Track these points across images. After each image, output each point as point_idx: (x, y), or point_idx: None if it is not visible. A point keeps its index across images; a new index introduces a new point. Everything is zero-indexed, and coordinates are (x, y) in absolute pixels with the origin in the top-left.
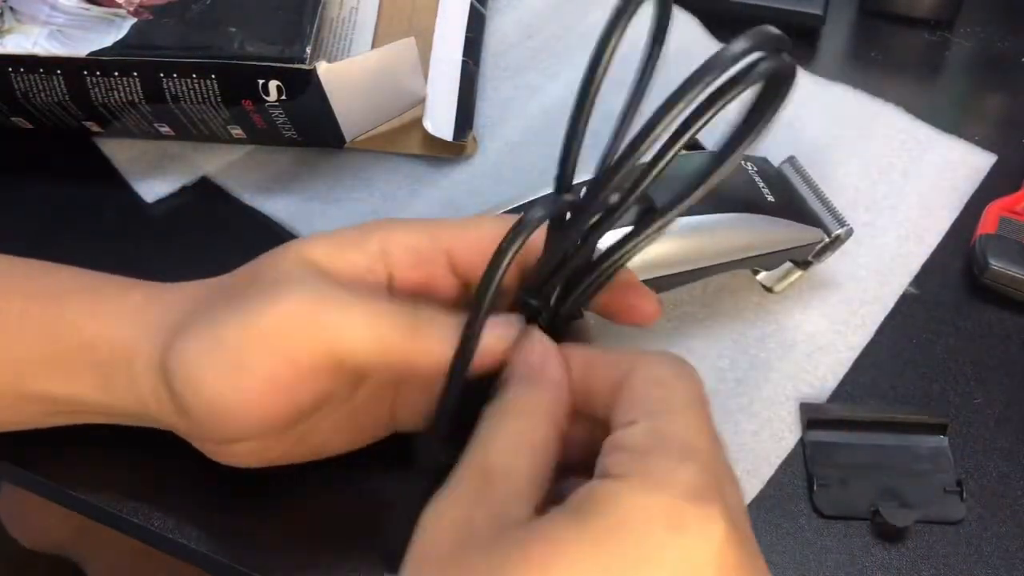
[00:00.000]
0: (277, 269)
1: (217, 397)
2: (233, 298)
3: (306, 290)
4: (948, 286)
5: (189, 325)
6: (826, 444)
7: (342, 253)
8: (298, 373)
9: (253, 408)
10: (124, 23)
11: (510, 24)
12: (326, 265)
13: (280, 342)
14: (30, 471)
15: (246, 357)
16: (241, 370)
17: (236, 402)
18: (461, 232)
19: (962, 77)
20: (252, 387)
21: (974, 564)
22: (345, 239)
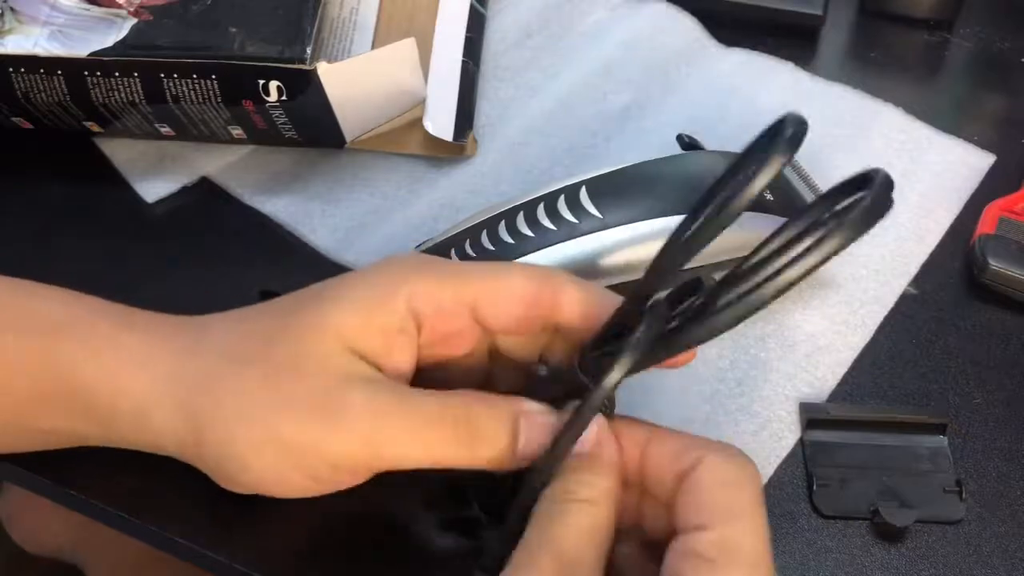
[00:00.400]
0: (325, 364)
1: (262, 481)
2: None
3: (368, 415)
4: (948, 286)
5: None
6: (826, 444)
7: (372, 321)
8: (354, 476)
9: (297, 492)
10: (124, 23)
11: (510, 24)
12: (364, 346)
13: (344, 462)
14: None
15: (305, 469)
16: (298, 474)
17: (283, 489)
18: (485, 284)
19: (962, 77)
20: (308, 481)
21: (974, 564)
22: (373, 303)
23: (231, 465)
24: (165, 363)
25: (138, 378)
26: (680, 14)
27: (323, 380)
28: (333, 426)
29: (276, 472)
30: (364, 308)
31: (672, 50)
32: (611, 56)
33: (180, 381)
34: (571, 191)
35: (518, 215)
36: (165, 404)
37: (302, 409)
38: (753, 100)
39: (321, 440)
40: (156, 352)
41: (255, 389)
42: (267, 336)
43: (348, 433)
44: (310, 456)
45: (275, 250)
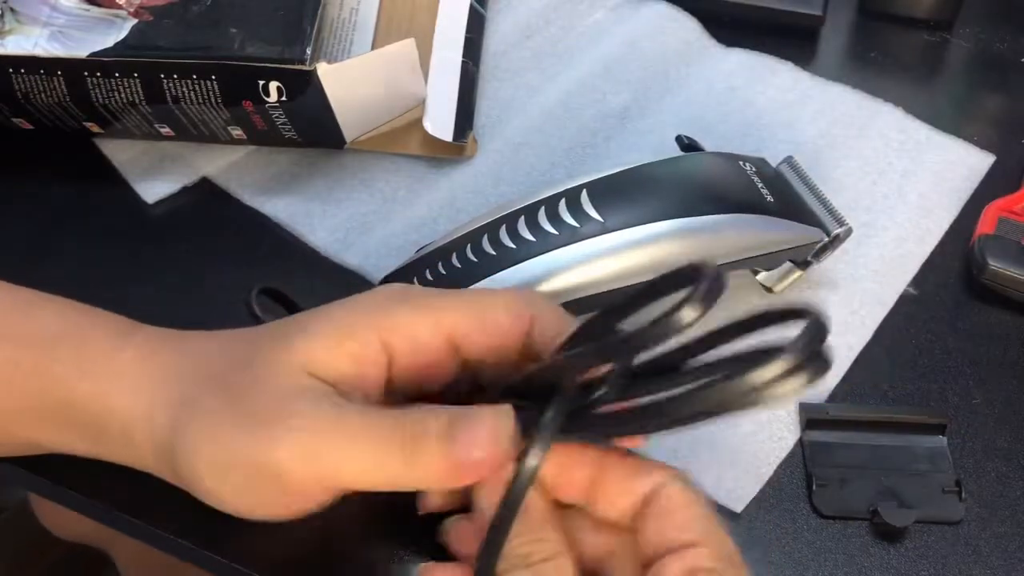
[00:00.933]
0: (280, 383)
1: (230, 503)
2: (238, 404)
3: (308, 428)
4: (947, 286)
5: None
6: (825, 444)
7: (342, 348)
8: (307, 498)
9: (265, 514)
10: (124, 24)
11: (510, 25)
12: (328, 368)
13: (288, 477)
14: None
15: (258, 487)
16: (254, 493)
17: (248, 509)
18: (463, 315)
19: (961, 77)
20: (265, 504)
21: (973, 564)
22: (343, 333)
23: (199, 487)
24: (152, 386)
25: (126, 400)
26: (680, 14)
27: (275, 397)
28: (275, 439)
29: (235, 493)
30: (334, 337)
31: (672, 50)
32: (611, 56)
33: (163, 405)
34: (572, 194)
35: (519, 219)
36: (146, 427)
37: (252, 425)
38: (753, 100)
39: (265, 455)
40: (146, 373)
41: (220, 411)
42: (241, 361)
43: (290, 447)
44: (260, 474)
45: (275, 250)
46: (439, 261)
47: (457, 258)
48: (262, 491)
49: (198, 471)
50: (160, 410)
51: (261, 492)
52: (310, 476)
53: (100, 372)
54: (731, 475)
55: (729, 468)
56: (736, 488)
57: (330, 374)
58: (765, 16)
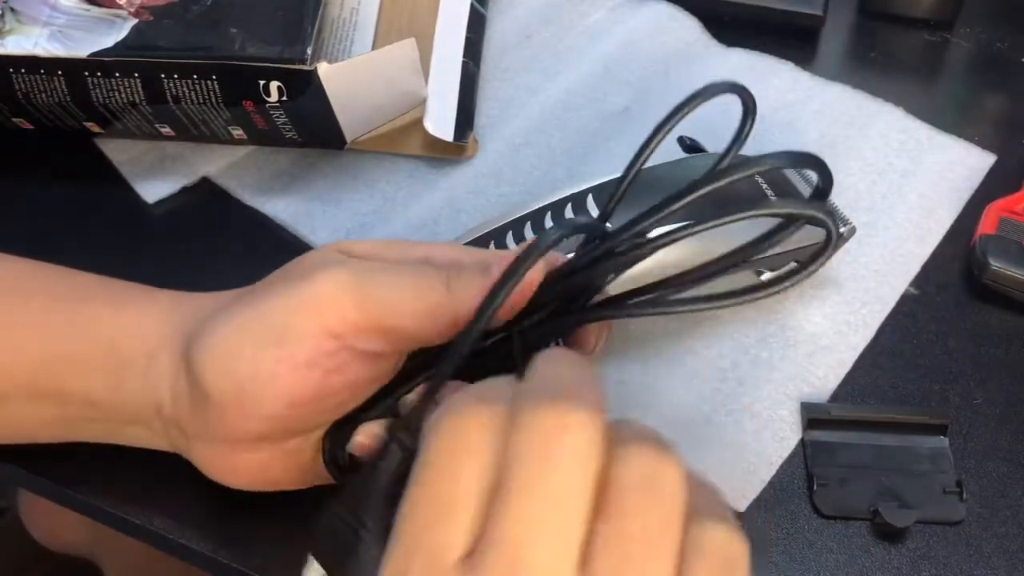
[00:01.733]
0: (313, 259)
1: (251, 374)
2: (273, 285)
3: (346, 266)
4: (948, 286)
5: (220, 312)
6: (827, 444)
7: (385, 252)
8: (342, 346)
9: (288, 385)
10: (125, 24)
11: (510, 25)
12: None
13: (327, 314)
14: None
15: (291, 329)
16: (284, 342)
17: (273, 377)
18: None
19: (962, 77)
20: (293, 361)
21: (974, 565)
22: (388, 244)
23: (208, 378)
24: (185, 312)
25: (159, 326)
26: (680, 14)
27: (303, 268)
28: (314, 282)
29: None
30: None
31: (672, 50)
32: (611, 56)
33: (191, 324)
34: (578, 199)
35: (525, 225)
36: (171, 344)
37: (276, 292)
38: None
39: (296, 299)
40: (182, 306)
41: (243, 304)
42: (274, 276)
43: (330, 278)
44: (288, 322)
45: (275, 250)
46: None
47: None
48: (304, 338)
49: (222, 343)
50: (191, 329)
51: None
52: (353, 307)
53: (136, 313)
54: (734, 474)
55: (731, 468)
56: (739, 487)
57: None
58: (765, 16)
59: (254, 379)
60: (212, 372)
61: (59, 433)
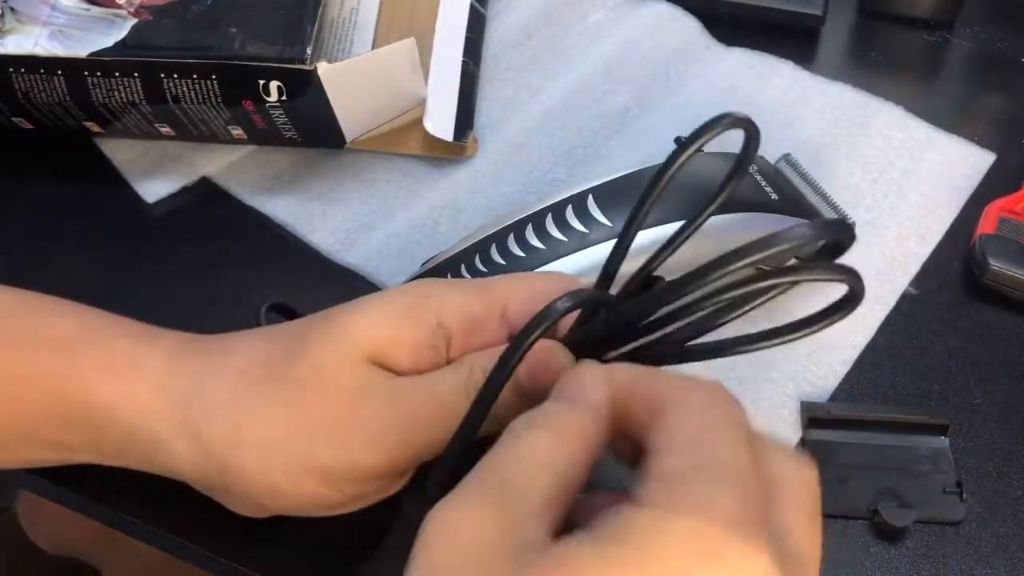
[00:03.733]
0: (342, 381)
1: (301, 505)
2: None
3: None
4: (948, 286)
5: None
6: (827, 443)
7: (401, 333)
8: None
9: (336, 507)
10: (125, 23)
11: (510, 25)
12: (388, 355)
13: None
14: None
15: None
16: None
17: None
18: (512, 293)
19: (962, 77)
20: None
21: (974, 564)
22: (401, 314)
23: (260, 492)
24: (185, 385)
25: (157, 401)
26: (680, 13)
27: (343, 396)
28: (365, 443)
29: (313, 496)
30: (392, 322)
31: (672, 50)
32: (611, 56)
33: (200, 406)
34: (578, 200)
35: (527, 227)
36: (183, 431)
37: (332, 431)
38: (754, 100)
39: (358, 459)
40: (176, 372)
41: (278, 413)
42: (287, 353)
43: (382, 446)
44: (350, 475)
45: (275, 250)
46: (448, 273)
47: (467, 269)
48: (349, 491)
49: (263, 480)
50: (200, 415)
51: (348, 492)
52: (404, 458)
53: (126, 373)
54: None
55: None
56: None
57: (393, 358)
58: (765, 16)
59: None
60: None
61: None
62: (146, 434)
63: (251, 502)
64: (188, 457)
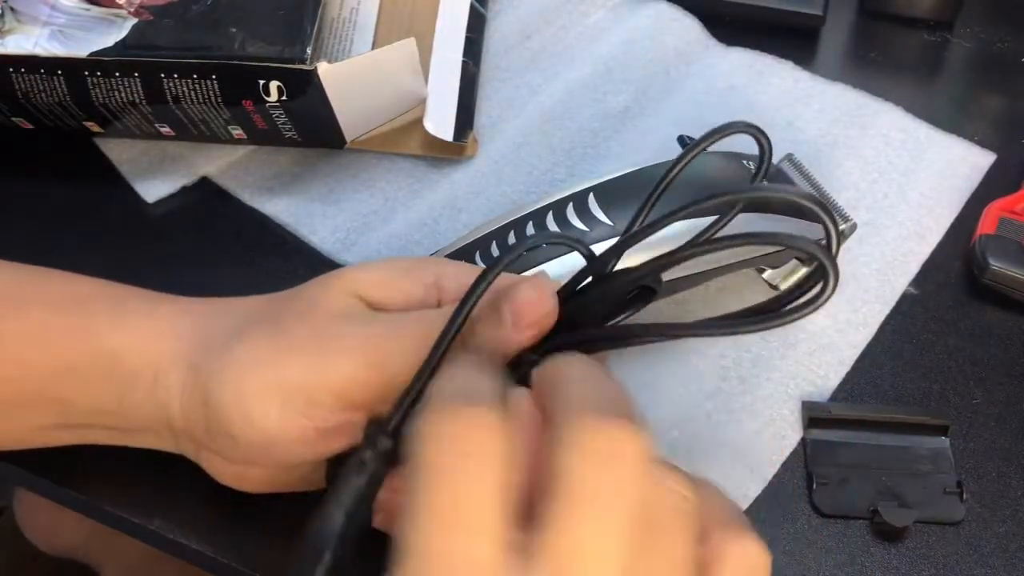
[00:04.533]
0: (333, 307)
1: (278, 435)
2: (291, 338)
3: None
4: (948, 286)
5: (238, 355)
6: (827, 443)
7: (395, 282)
8: (365, 413)
9: (312, 446)
10: (125, 23)
11: (510, 25)
12: (378, 296)
13: (350, 390)
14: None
15: (316, 403)
16: (311, 415)
17: (298, 440)
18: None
19: (962, 77)
20: (319, 429)
21: (974, 564)
22: (398, 268)
23: (234, 422)
24: (190, 327)
25: (163, 340)
26: (680, 13)
27: (321, 319)
28: (333, 360)
29: (280, 422)
30: (388, 270)
31: (672, 49)
32: (611, 56)
33: (200, 341)
34: (579, 198)
35: (526, 225)
36: (181, 363)
37: (303, 350)
38: (754, 99)
39: (325, 375)
40: (185, 318)
41: (264, 342)
42: (290, 296)
43: (351, 364)
44: (317, 394)
45: (275, 250)
46: None
47: None
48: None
49: (237, 403)
50: (198, 349)
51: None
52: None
53: (136, 323)
54: (735, 473)
55: (732, 466)
56: (739, 486)
57: (381, 297)
58: (765, 16)
59: (280, 435)
60: (239, 418)
61: (66, 439)
62: (148, 375)
63: (228, 443)
64: (178, 389)
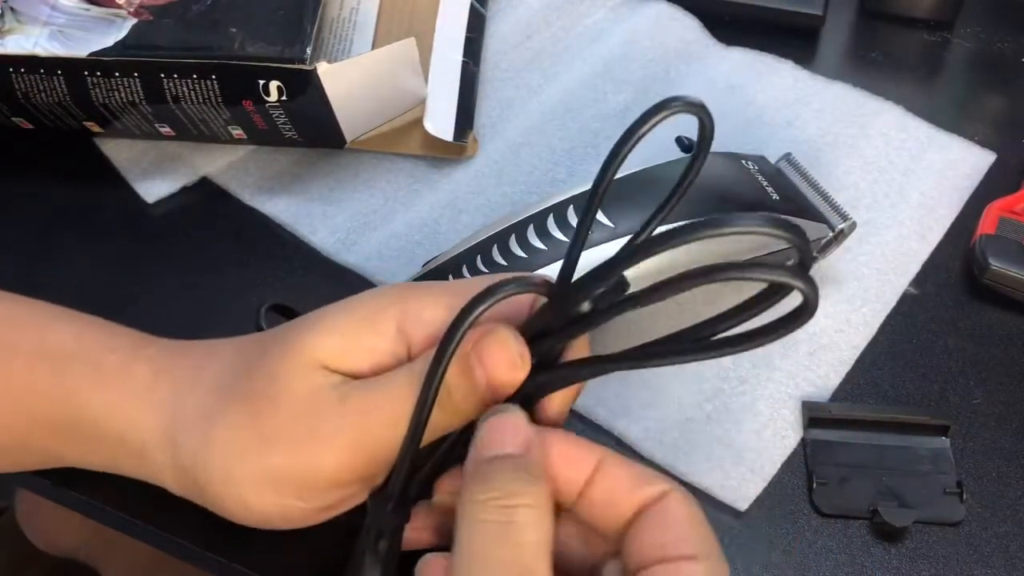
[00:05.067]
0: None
1: (275, 514)
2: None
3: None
4: (948, 286)
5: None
6: (827, 443)
7: (359, 341)
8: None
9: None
10: (124, 23)
11: (510, 25)
12: (344, 365)
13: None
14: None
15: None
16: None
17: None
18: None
19: (962, 77)
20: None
21: (974, 564)
22: (359, 323)
23: (232, 505)
24: (167, 397)
25: (143, 415)
26: (680, 13)
27: (295, 404)
28: (317, 449)
29: (279, 508)
30: (350, 330)
31: (672, 49)
32: (611, 56)
33: (178, 418)
34: (579, 200)
35: (527, 228)
36: (165, 445)
37: (285, 440)
38: (754, 99)
39: (313, 467)
40: (160, 385)
41: (242, 426)
42: (249, 367)
43: (335, 451)
44: (309, 484)
45: (275, 250)
46: (450, 274)
47: (468, 270)
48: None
49: (231, 493)
50: (180, 429)
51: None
52: (363, 464)
53: (115, 386)
54: (735, 473)
55: (733, 466)
56: (740, 486)
57: (351, 366)
58: (765, 15)
59: (279, 517)
60: (233, 502)
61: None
62: (136, 444)
63: (229, 514)
64: (169, 468)
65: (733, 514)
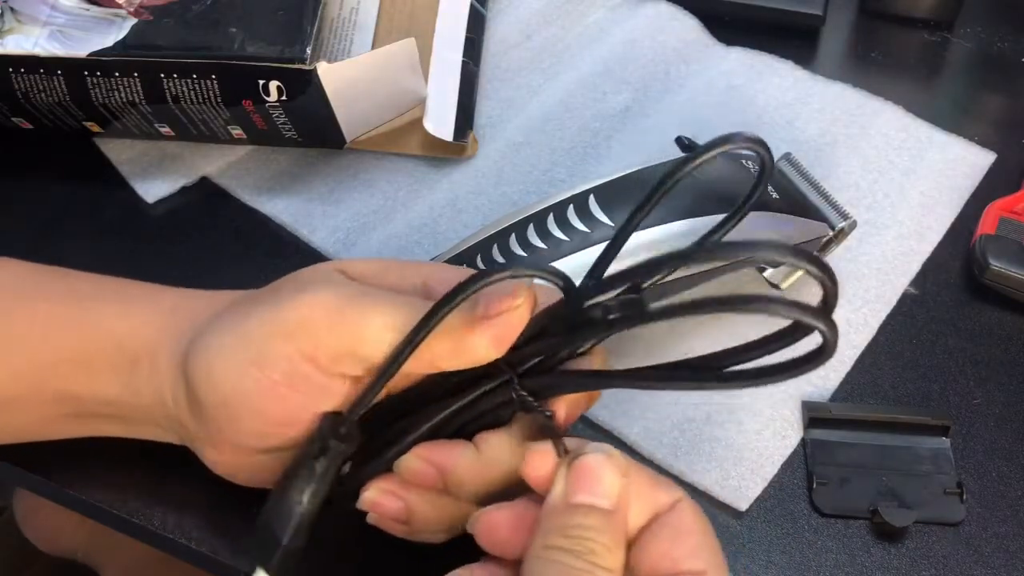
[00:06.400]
0: (307, 276)
1: (233, 390)
2: (261, 301)
3: (331, 289)
4: (948, 286)
5: (214, 323)
6: (827, 443)
7: (383, 274)
8: (317, 369)
9: (267, 404)
10: (124, 23)
11: (510, 25)
12: (364, 279)
13: (302, 338)
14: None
15: (267, 350)
16: (262, 363)
17: (252, 394)
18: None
19: (962, 77)
20: (270, 380)
21: (974, 565)
22: (389, 264)
23: (199, 383)
24: (183, 316)
25: (163, 327)
26: (680, 13)
27: (298, 282)
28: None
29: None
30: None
31: (672, 49)
32: (611, 56)
33: (192, 328)
34: (580, 200)
35: (528, 227)
36: (174, 348)
37: (263, 303)
38: (754, 99)
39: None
40: (181, 310)
41: (240, 310)
42: (273, 286)
43: (314, 303)
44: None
45: (275, 250)
46: None
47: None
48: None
49: (208, 359)
50: (187, 335)
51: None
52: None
53: (140, 314)
54: (736, 473)
55: (733, 466)
56: (741, 486)
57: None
58: (765, 15)
59: (235, 394)
60: (203, 384)
61: (73, 431)
62: (145, 359)
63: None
64: (168, 368)
65: (733, 514)
